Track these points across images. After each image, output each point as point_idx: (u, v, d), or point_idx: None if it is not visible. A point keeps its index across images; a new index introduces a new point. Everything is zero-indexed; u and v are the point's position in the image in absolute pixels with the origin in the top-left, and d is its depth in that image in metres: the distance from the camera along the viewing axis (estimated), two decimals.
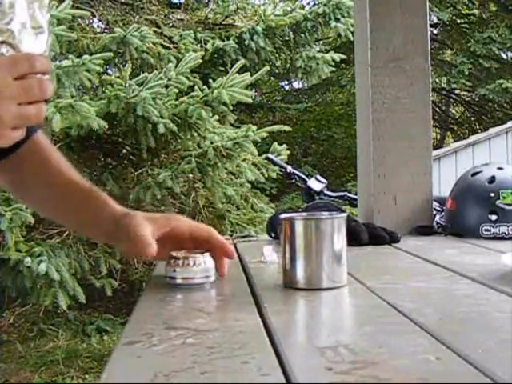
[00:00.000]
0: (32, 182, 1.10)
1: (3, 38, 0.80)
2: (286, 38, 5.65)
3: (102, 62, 3.89)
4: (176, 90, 4.04)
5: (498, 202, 1.54)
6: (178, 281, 0.97)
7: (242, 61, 4.46)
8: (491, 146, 7.79)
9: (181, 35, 5.22)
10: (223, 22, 5.75)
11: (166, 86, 4.01)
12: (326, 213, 1.08)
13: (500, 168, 1.62)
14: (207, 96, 4.02)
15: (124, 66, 4.33)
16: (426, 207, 1.76)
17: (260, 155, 4.38)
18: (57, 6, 3.80)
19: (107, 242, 1.11)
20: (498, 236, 1.53)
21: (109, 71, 5.35)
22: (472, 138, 8.40)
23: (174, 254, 0.99)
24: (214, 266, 1.01)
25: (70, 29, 4.26)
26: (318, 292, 0.95)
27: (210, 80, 4.18)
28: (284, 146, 4.51)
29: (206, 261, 0.98)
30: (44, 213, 1.30)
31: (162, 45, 4.99)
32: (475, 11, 10.74)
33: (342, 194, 3.21)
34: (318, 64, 5.66)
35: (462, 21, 10.86)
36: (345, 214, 1.00)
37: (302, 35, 5.68)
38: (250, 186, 4.62)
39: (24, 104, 0.76)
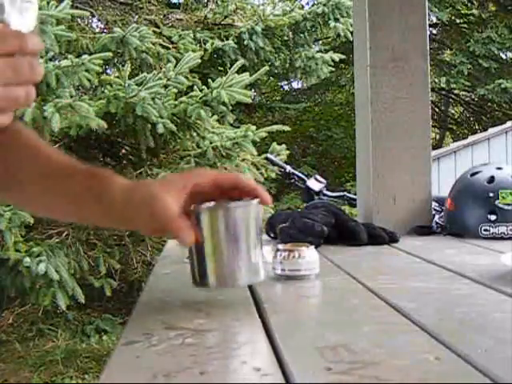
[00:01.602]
0: (23, 173, 0.94)
1: None
2: (285, 38, 5.65)
3: (101, 61, 3.88)
4: (175, 90, 4.04)
5: (497, 202, 1.54)
6: (285, 273, 1.03)
7: (242, 61, 4.46)
8: (490, 146, 7.78)
9: (180, 35, 5.22)
10: (222, 22, 5.75)
11: (165, 86, 4.01)
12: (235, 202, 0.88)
13: (499, 168, 1.62)
14: (206, 96, 4.02)
15: (123, 65, 4.33)
16: (425, 207, 1.76)
17: (259, 155, 4.38)
18: (56, 6, 3.80)
19: (121, 228, 0.91)
20: (497, 236, 1.53)
21: (108, 71, 5.34)
22: (471, 138, 8.40)
23: (280, 247, 1.05)
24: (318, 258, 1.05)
25: (69, 29, 4.25)
26: (318, 292, 0.95)
27: (210, 80, 4.18)
28: (283, 145, 4.51)
29: (310, 254, 1.04)
30: (41, 210, 1.08)
31: (161, 45, 4.99)
32: (474, 11, 10.75)
33: (342, 193, 3.22)
34: (317, 64, 5.66)
35: (462, 21, 10.87)
36: (254, 201, 0.85)
37: (301, 35, 5.68)
38: None
39: (11, 85, 0.67)
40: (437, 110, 12.16)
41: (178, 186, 0.86)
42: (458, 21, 10.87)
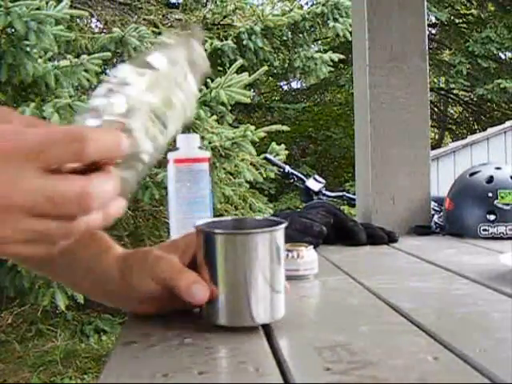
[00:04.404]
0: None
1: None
2: (285, 38, 5.66)
3: (101, 62, 3.88)
4: None
5: (496, 201, 1.54)
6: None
7: (241, 61, 4.46)
8: (489, 145, 7.79)
9: None
10: (221, 22, 5.76)
11: None
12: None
13: (498, 168, 1.62)
14: (205, 96, 4.02)
15: None
16: (425, 207, 1.76)
17: (258, 155, 4.38)
18: (55, 6, 3.80)
19: (112, 304, 0.83)
20: (496, 236, 1.53)
21: (107, 71, 5.34)
22: (470, 138, 8.41)
23: None
24: (317, 259, 1.06)
25: (68, 29, 4.25)
26: (316, 292, 0.95)
27: (209, 80, 4.18)
28: (282, 145, 4.51)
29: (309, 254, 1.04)
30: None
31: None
32: (473, 11, 10.78)
33: (341, 193, 3.22)
34: (316, 64, 5.66)
35: (461, 21, 10.89)
36: (279, 226, 0.72)
37: (301, 35, 5.69)
38: (248, 186, 4.62)
39: (47, 218, 0.50)
40: (436, 109, 12.17)
41: (180, 250, 0.76)
42: (457, 21, 10.89)
